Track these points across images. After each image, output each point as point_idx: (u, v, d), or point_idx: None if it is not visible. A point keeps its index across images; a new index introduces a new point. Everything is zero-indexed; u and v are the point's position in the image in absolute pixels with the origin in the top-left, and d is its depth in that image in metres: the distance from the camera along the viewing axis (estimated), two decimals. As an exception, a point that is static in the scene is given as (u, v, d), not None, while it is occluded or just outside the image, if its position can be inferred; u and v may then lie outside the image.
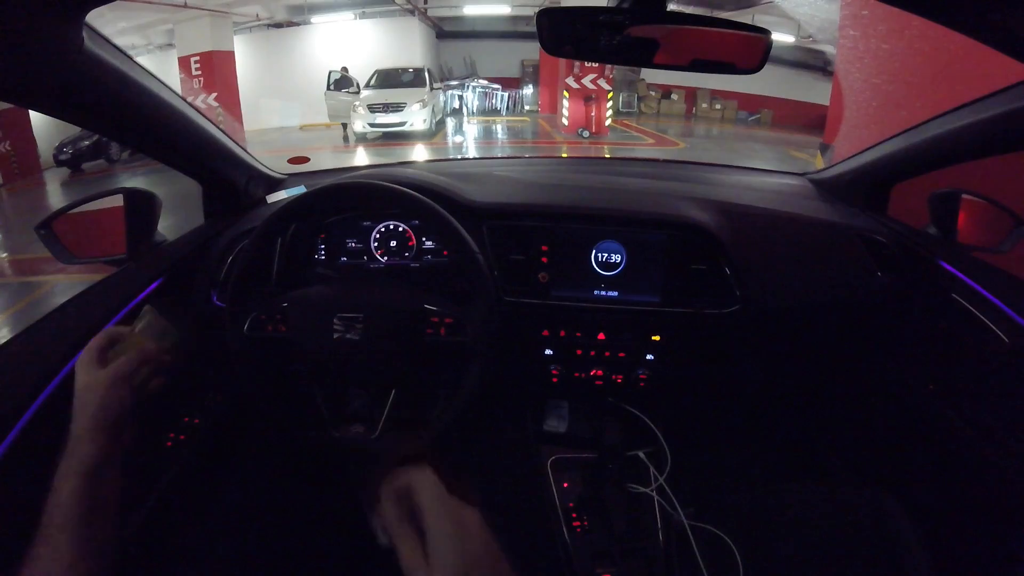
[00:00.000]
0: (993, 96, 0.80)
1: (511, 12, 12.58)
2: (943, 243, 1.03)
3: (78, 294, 0.86)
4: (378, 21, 12.07)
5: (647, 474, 1.11)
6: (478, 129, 10.75)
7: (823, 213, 1.07)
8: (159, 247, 0.99)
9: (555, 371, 1.04)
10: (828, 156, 3.13)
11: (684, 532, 1.05)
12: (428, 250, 1.03)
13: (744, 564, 1.04)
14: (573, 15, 0.63)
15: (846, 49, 2.78)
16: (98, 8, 0.53)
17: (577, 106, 8.69)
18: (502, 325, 0.78)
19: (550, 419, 1.21)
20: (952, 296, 0.91)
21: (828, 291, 0.99)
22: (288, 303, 0.76)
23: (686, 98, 13.59)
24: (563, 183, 1.13)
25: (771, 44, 0.63)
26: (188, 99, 0.88)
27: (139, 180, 6.94)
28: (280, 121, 10.89)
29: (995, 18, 0.49)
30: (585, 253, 0.96)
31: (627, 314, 0.97)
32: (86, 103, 0.68)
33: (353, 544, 1.14)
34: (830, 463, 1.25)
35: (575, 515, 1.05)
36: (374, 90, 9.26)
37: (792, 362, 1.18)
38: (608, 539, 1.01)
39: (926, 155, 0.98)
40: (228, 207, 1.08)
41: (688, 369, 1.12)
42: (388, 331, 0.74)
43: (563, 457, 1.15)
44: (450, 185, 0.98)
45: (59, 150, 7.99)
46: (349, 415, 0.80)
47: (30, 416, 0.67)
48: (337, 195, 0.80)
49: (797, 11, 9.94)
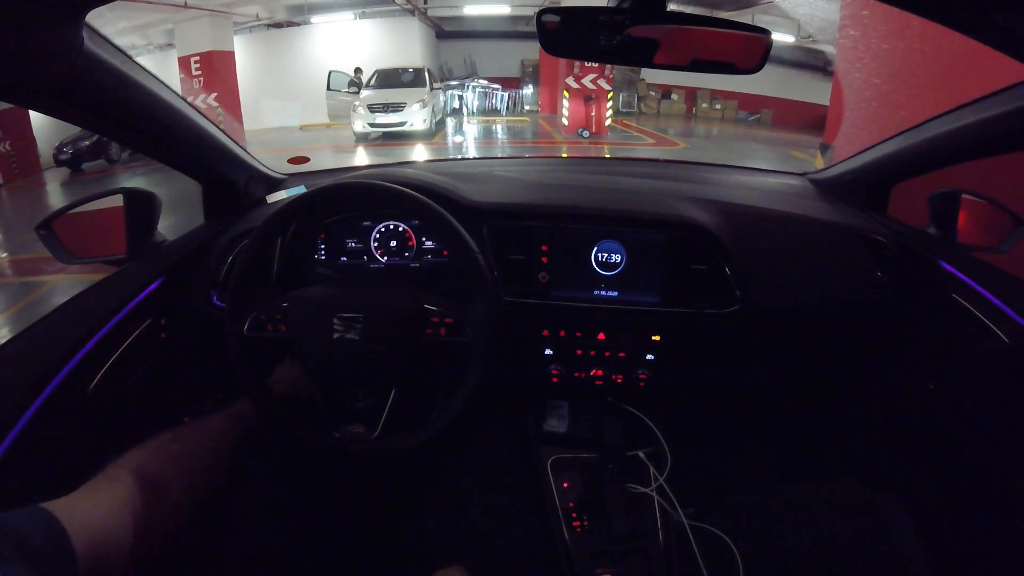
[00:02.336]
0: (993, 96, 0.80)
1: (511, 12, 12.57)
2: (943, 243, 1.03)
3: (78, 294, 0.86)
4: (378, 21, 12.06)
5: (647, 474, 1.11)
6: (478, 129, 10.74)
7: (823, 213, 1.07)
8: (159, 247, 0.99)
9: (555, 371, 1.04)
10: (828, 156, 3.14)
11: (684, 532, 1.05)
12: (428, 250, 1.03)
13: (744, 564, 1.04)
14: (573, 15, 0.63)
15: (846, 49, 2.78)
16: (98, 8, 0.53)
17: (577, 106, 8.68)
18: (502, 325, 0.78)
19: (550, 419, 1.21)
20: (952, 296, 0.91)
21: (828, 291, 0.99)
22: (288, 303, 0.76)
23: (686, 98, 13.58)
24: (563, 183, 1.13)
25: (771, 44, 0.63)
26: (188, 99, 0.88)
27: (139, 180, 6.94)
28: (280, 121, 10.88)
29: (995, 18, 0.49)
30: (585, 253, 0.96)
31: (627, 314, 0.97)
32: (86, 103, 0.68)
33: (354, 541, 1.14)
34: (830, 463, 1.25)
35: (575, 515, 1.05)
36: (374, 90, 9.26)
37: (792, 362, 1.18)
38: (608, 539, 1.01)
39: (926, 155, 0.98)
40: (228, 207, 1.08)
41: (688, 369, 1.12)
42: (388, 331, 0.74)
43: (563, 457, 1.15)
44: (450, 185, 0.98)
45: (59, 150, 7.98)
46: (349, 415, 0.80)
47: (30, 416, 0.67)
48: (337, 195, 0.80)
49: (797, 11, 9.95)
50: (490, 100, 12.22)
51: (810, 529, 1.13)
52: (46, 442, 0.69)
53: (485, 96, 12.22)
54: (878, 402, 1.15)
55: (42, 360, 0.72)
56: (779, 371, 1.20)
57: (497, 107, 12.17)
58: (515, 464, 1.22)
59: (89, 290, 0.87)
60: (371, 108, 8.68)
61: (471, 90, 12.09)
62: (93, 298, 0.85)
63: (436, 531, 1.17)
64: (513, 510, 1.16)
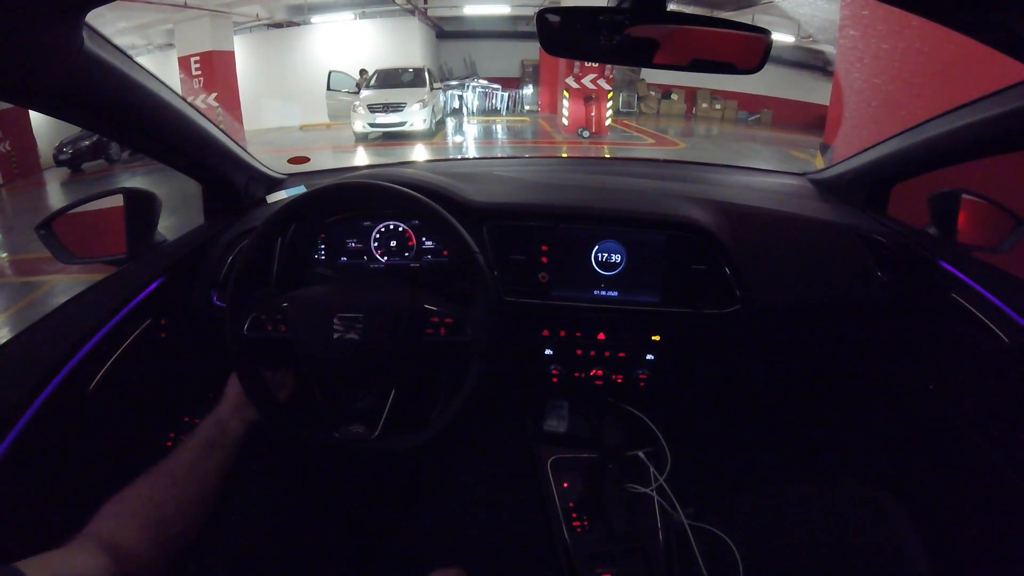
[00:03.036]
0: (993, 96, 0.80)
1: (511, 12, 12.57)
2: (943, 243, 1.03)
3: (78, 294, 0.86)
4: (378, 21, 12.06)
5: (647, 474, 1.11)
6: (478, 129, 10.74)
7: (823, 213, 1.07)
8: (159, 247, 0.99)
9: (555, 371, 1.04)
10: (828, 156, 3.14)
11: (684, 532, 1.05)
12: (428, 250, 1.03)
13: (744, 564, 1.04)
14: (573, 15, 0.63)
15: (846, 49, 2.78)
16: (98, 8, 0.53)
17: (577, 106, 8.68)
18: (502, 325, 0.78)
19: (550, 419, 1.21)
20: (952, 296, 0.91)
21: (828, 291, 0.99)
22: (288, 303, 0.76)
23: (686, 98, 13.58)
24: (563, 183, 1.13)
25: (771, 44, 0.63)
26: (188, 99, 0.88)
27: (139, 180, 6.94)
28: (280, 121, 10.88)
29: (995, 18, 0.49)
30: (585, 253, 0.96)
31: (627, 314, 0.97)
32: (86, 103, 0.68)
33: (353, 541, 1.14)
34: (830, 463, 1.25)
35: (575, 515, 1.05)
36: (374, 90, 9.26)
37: (792, 362, 1.18)
38: (608, 539, 1.01)
39: (926, 155, 0.98)
40: (228, 207, 1.08)
41: (688, 369, 1.12)
42: (388, 331, 0.74)
43: (563, 457, 1.15)
44: (450, 185, 0.98)
45: (59, 150, 7.98)
46: (349, 415, 0.80)
47: (30, 416, 0.67)
48: (337, 195, 0.80)
49: (797, 11, 9.96)
50: (490, 100, 12.22)
51: (810, 529, 1.13)
52: (46, 442, 0.69)
53: (485, 96, 12.22)
54: (878, 402, 1.15)
55: (42, 360, 0.72)
56: (779, 371, 1.20)
57: (497, 107, 12.17)
58: (515, 464, 1.22)
59: (89, 290, 0.87)
60: (371, 108, 8.67)
61: (471, 90, 12.08)
62: (93, 298, 0.85)
63: (435, 531, 1.17)
64: (513, 510, 1.16)
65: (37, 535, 0.52)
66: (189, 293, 0.97)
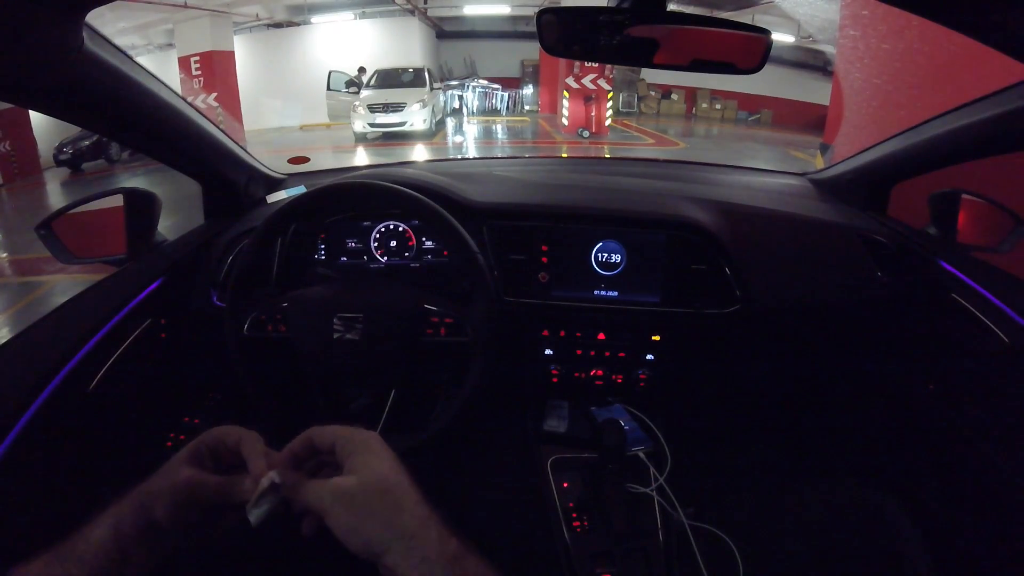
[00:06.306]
0: (993, 96, 0.80)
1: (511, 12, 12.57)
2: (943, 243, 1.03)
3: (78, 294, 0.86)
4: (378, 21, 12.06)
5: (647, 474, 1.11)
6: (478, 129, 10.74)
7: (823, 213, 1.07)
8: (159, 247, 0.99)
9: (555, 371, 1.04)
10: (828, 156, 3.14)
11: (684, 532, 1.05)
12: (428, 250, 1.03)
13: (744, 564, 1.03)
14: (573, 15, 0.63)
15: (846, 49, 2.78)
16: (98, 8, 0.53)
17: (577, 106, 8.68)
18: (502, 325, 0.78)
19: (550, 419, 1.21)
20: (952, 296, 0.91)
21: (828, 291, 0.99)
22: (288, 303, 0.76)
23: (686, 98, 13.58)
24: (563, 183, 1.13)
25: (771, 44, 0.63)
26: (188, 99, 0.88)
27: (139, 180, 6.94)
28: (280, 121, 10.88)
29: (995, 18, 0.49)
30: (585, 253, 0.96)
31: (627, 314, 0.97)
32: (86, 103, 0.68)
33: None
34: (830, 463, 1.25)
35: (575, 515, 1.05)
36: (374, 90, 9.26)
37: (792, 362, 1.18)
38: (608, 539, 1.01)
39: (926, 155, 0.98)
40: (228, 207, 1.08)
41: (688, 369, 1.12)
42: (388, 331, 0.74)
43: (563, 457, 1.15)
44: (450, 185, 0.98)
45: (59, 150, 7.98)
46: (349, 415, 0.80)
47: (30, 416, 0.67)
48: (337, 195, 0.80)
49: (797, 11, 9.96)
50: (490, 100, 12.22)
51: (810, 529, 1.13)
52: (46, 442, 0.69)
53: (485, 96, 12.22)
54: (878, 402, 1.15)
55: (42, 360, 0.72)
56: (779, 371, 1.20)
57: (497, 107, 12.17)
58: (515, 464, 1.22)
59: (89, 290, 0.87)
60: (371, 108, 8.67)
61: (471, 90, 12.09)
62: (93, 298, 0.85)
63: None
64: (513, 510, 1.16)
65: (37, 535, 0.52)
66: (189, 293, 0.97)
